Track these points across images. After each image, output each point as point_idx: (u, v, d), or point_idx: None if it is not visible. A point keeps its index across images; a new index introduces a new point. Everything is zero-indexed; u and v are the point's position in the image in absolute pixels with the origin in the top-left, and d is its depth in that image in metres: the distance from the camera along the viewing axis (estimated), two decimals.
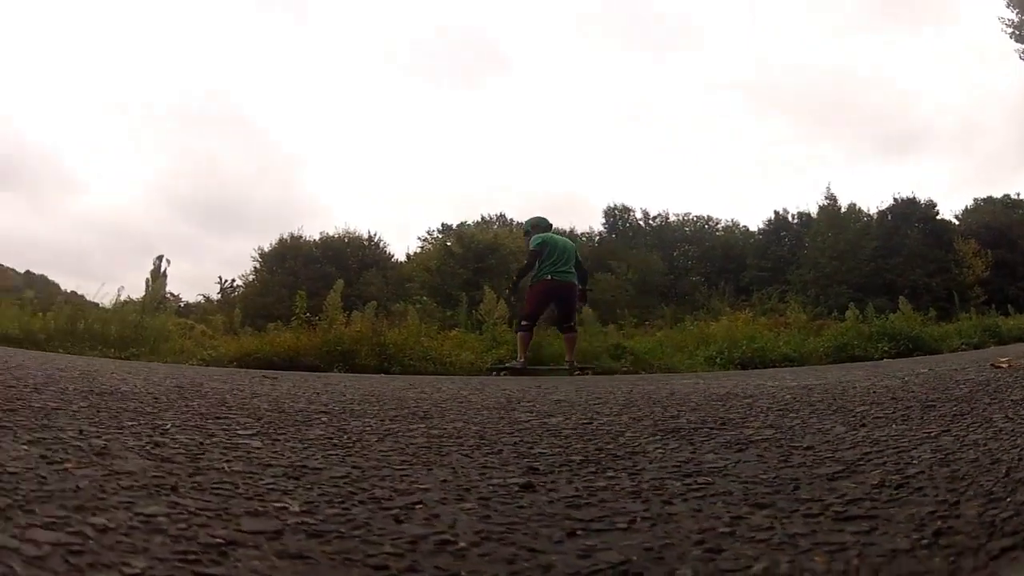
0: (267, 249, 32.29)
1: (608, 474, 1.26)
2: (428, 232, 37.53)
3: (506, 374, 6.00)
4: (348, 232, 34.05)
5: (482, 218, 39.09)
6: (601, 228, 40.11)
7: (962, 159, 57.43)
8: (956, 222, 33.53)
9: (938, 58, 58.51)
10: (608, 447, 1.55)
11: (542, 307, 6.55)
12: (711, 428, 1.81)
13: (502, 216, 38.18)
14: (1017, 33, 13.11)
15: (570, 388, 3.42)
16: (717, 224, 39.77)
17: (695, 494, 1.09)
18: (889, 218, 31.59)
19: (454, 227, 35.61)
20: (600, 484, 1.17)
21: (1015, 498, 0.98)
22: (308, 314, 7.52)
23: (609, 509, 1.01)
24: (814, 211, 33.28)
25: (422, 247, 34.80)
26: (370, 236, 34.58)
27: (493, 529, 0.91)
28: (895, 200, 32.12)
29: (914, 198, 31.89)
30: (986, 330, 10.73)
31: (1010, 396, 2.20)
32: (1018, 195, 35.34)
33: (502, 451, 1.51)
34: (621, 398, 2.71)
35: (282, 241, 32.42)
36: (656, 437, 1.68)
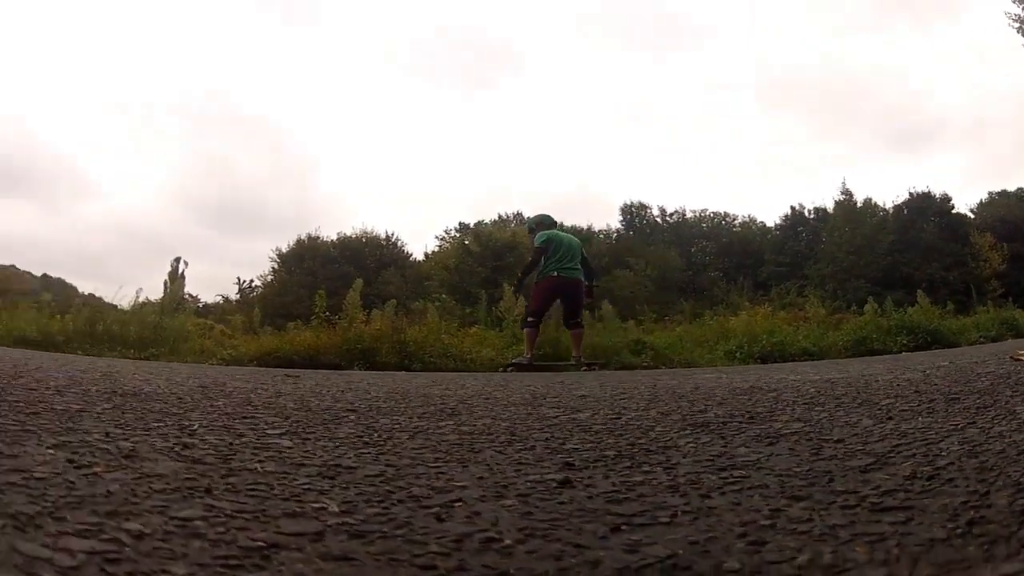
0: (285, 250, 32.42)
1: (644, 468, 1.28)
2: (446, 231, 37.49)
3: (513, 370, 6.03)
4: (366, 232, 34.02)
5: (499, 216, 39.09)
6: (619, 225, 40.00)
7: (976, 153, 56.54)
8: (972, 216, 33.09)
9: (948, 54, 57.65)
10: (640, 442, 1.57)
11: (548, 303, 6.59)
12: (740, 422, 1.83)
13: (519, 214, 38.01)
14: (1023, 27, 12.90)
15: (594, 383, 3.43)
16: (734, 220, 39.49)
17: (732, 487, 1.11)
18: (905, 212, 31.21)
19: (471, 226, 35.59)
20: (637, 479, 1.19)
21: None
22: (328, 313, 7.58)
23: (649, 503, 1.03)
24: (830, 206, 32.97)
25: (440, 246, 34.71)
26: (388, 236, 34.50)
27: (536, 526, 0.91)
28: (910, 194, 31.71)
29: (929, 192, 31.47)
30: (1004, 323, 10.75)
31: None
32: None
33: (535, 447, 1.52)
34: (646, 393, 2.74)
35: (300, 242, 32.45)
36: (686, 431, 1.70)
